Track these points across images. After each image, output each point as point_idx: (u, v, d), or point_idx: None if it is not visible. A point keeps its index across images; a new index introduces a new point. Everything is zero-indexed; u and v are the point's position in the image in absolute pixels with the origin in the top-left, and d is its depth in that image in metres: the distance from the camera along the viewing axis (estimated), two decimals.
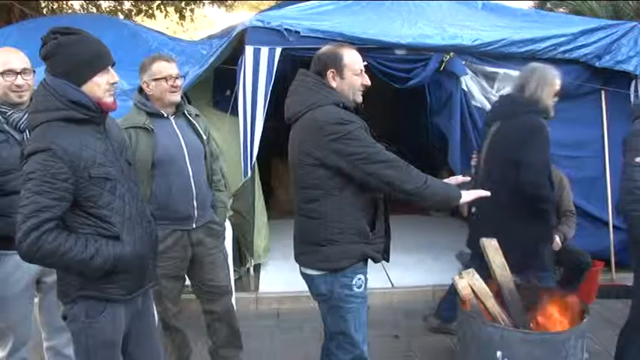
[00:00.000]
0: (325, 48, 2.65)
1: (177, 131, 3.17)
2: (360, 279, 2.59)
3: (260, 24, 4.68)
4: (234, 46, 4.99)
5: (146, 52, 5.30)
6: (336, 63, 2.55)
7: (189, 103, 3.47)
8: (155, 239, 2.39)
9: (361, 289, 2.61)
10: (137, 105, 3.14)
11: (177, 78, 3.10)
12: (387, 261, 2.76)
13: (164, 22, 12.37)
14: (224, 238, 3.58)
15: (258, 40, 4.70)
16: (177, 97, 3.12)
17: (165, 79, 3.05)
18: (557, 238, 4.18)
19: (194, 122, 3.28)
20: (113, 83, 2.15)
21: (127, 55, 5.11)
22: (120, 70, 2.90)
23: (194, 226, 3.23)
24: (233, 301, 3.63)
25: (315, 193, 2.50)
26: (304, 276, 2.69)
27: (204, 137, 3.32)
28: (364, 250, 2.55)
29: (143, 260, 2.26)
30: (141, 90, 3.16)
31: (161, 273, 3.09)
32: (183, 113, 3.25)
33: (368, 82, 2.62)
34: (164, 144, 3.09)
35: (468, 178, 2.75)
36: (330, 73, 2.55)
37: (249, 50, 4.69)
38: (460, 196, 2.49)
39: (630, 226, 3.08)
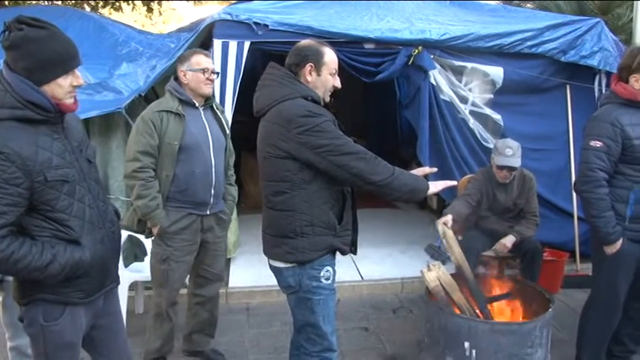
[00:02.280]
0: (307, 42, 2.65)
1: (205, 121, 3.38)
2: (328, 271, 2.59)
3: (228, 17, 4.66)
4: (202, 40, 4.95)
5: (113, 46, 5.23)
6: (316, 58, 2.55)
7: (158, 97, 3.51)
8: (118, 239, 2.32)
9: (329, 281, 2.61)
10: (171, 92, 3.33)
11: (213, 72, 3.35)
12: (355, 253, 2.78)
13: (132, 15, 12.20)
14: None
15: (227, 33, 4.68)
16: (209, 90, 3.36)
17: (203, 71, 3.27)
18: (511, 238, 4.26)
19: (220, 116, 3.50)
20: (77, 86, 2.03)
21: (93, 49, 5.04)
22: (86, 64, 2.81)
23: (208, 212, 3.44)
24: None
25: (283, 186, 2.49)
26: (273, 269, 2.69)
27: (228, 132, 3.55)
28: (332, 242, 2.55)
29: (104, 262, 2.18)
30: (176, 78, 3.36)
31: (172, 253, 3.33)
32: (211, 106, 3.47)
33: (339, 84, 2.64)
34: (192, 131, 3.30)
35: (435, 169, 2.77)
36: (308, 67, 2.54)
37: (217, 44, 4.66)
38: (428, 188, 2.52)
39: (584, 206, 3.21)
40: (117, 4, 11.01)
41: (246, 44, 4.70)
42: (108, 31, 5.41)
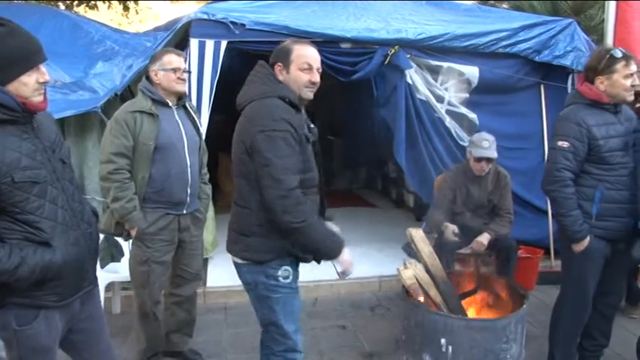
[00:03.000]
0: (285, 42, 2.64)
1: (179, 121, 3.37)
2: (286, 270, 2.55)
3: (205, 16, 4.65)
4: (179, 39, 4.93)
5: (88, 45, 5.17)
6: (284, 57, 2.54)
7: (134, 96, 3.49)
8: (95, 240, 2.25)
9: (288, 280, 2.57)
10: (143, 91, 3.31)
11: (184, 71, 3.34)
12: (319, 263, 2.71)
13: (108, 14, 12.08)
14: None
15: (204, 32, 4.67)
16: (182, 88, 3.36)
17: (174, 70, 3.27)
18: (487, 235, 4.33)
19: (193, 115, 3.50)
20: (43, 82, 1.96)
21: (68, 48, 4.97)
22: (61, 63, 2.77)
23: (184, 212, 3.43)
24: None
25: (244, 183, 2.49)
26: (234, 264, 2.67)
27: (201, 131, 3.57)
28: (288, 247, 2.51)
29: (79, 264, 2.12)
30: (147, 78, 3.35)
31: (152, 254, 3.32)
32: (184, 106, 3.45)
33: (316, 79, 2.57)
34: (167, 131, 3.28)
35: None
36: (277, 67, 2.54)
37: (194, 43, 4.65)
38: (339, 253, 2.56)
39: (552, 205, 3.30)
40: (92, 2, 10.85)
41: (223, 43, 4.69)
42: (83, 29, 5.35)
